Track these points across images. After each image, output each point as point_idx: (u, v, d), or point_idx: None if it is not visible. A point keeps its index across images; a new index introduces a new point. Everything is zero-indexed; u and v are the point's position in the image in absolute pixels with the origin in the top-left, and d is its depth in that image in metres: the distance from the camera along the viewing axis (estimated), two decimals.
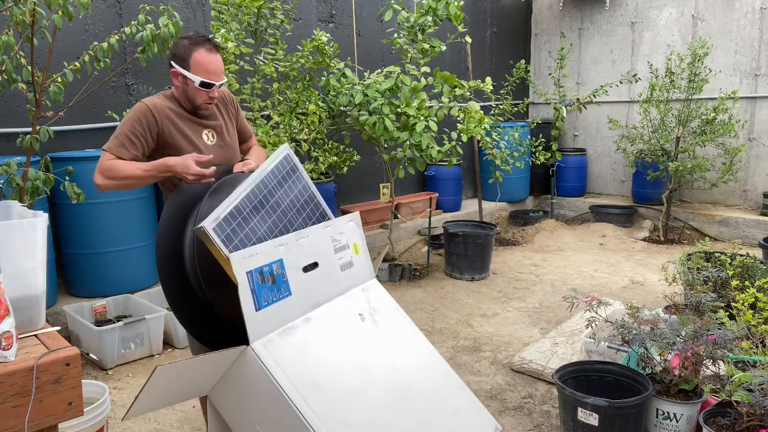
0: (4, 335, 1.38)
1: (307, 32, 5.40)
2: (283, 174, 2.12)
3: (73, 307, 3.61)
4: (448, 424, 1.87)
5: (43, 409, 1.40)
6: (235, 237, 1.91)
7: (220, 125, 2.39)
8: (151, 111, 2.25)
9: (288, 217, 2.09)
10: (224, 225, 1.89)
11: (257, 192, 2.02)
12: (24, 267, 1.52)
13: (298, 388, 1.69)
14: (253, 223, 1.97)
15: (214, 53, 2.24)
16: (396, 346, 2.04)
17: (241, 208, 1.94)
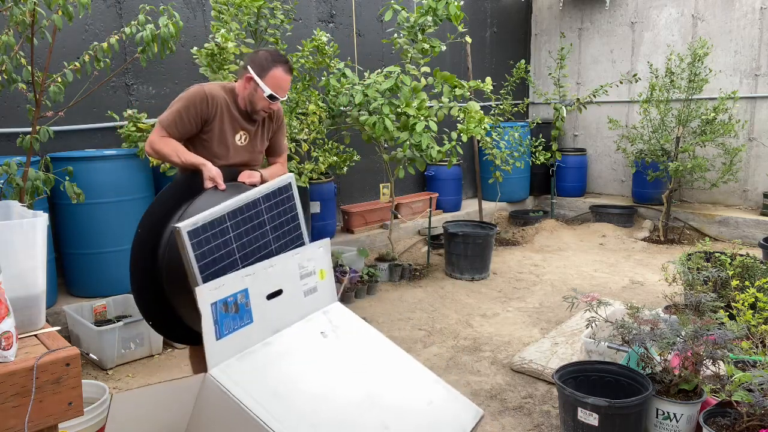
0: (4, 335, 1.38)
1: (307, 32, 5.40)
2: (278, 200, 2.23)
3: (73, 307, 3.61)
4: (423, 413, 1.89)
5: (43, 409, 1.40)
6: (206, 244, 1.96)
7: (255, 131, 2.61)
8: (207, 99, 2.45)
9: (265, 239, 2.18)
10: (200, 231, 1.95)
11: (245, 209, 2.11)
12: (24, 267, 1.52)
13: (258, 401, 1.71)
14: (229, 236, 2.04)
15: (288, 74, 2.53)
16: (362, 353, 2.08)
17: (222, 219, 2.02)
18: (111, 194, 3.78)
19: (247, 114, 2.55)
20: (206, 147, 2.49)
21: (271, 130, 2.71)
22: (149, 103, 4.51)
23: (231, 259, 2.02)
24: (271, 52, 2.54)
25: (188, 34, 4.64)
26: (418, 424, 1.84)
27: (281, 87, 2.50)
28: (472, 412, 1.97)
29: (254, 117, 2.56)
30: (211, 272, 1.95)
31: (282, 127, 2.77)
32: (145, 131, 3.89)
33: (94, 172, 3.72)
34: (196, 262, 1.91)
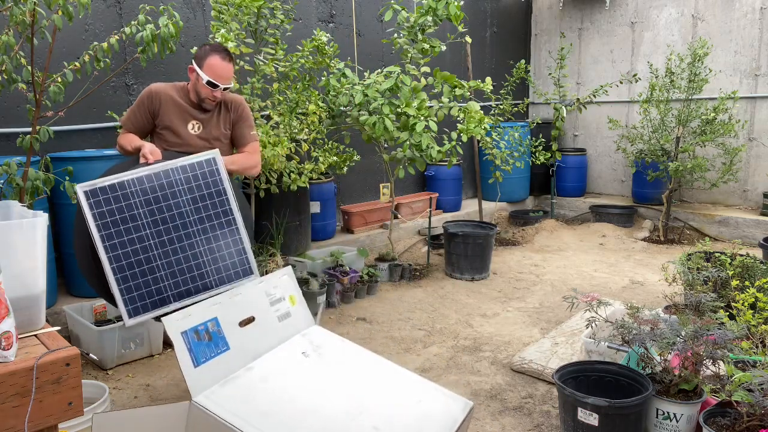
0: (4, 335, 1.38)
1: (307, 32, 5.40)
2: (197, 173, 2.28)
3: (73, 307, 3.61)
4: (414, 412, 1.92)
5: (43, 409, 1.40)
6: (105, 206, 2.08)
7: (209, 120, 2.82)
8: (151, 96, 2.78)
9: (180, 210, 2.22)
10: (98, 192, 2.07)
11: (153, 178, 2.19)
12: (24, 267, 1.53)
13: (247, 420, 1.73)
14: (135, 201, 2.14)
15: (226, 61, 2.71)
16: (345, 366, 2.12)
17: (124, 184, 2.13)
18: None
19: (197, 105, 2.79)
20: (162, 138, 2.80)
21: (229, 120, 2.86)
22: None
23: (136, 223, 2.12)
24: (213, 45, 2.78)
25: (188, 34, 4.64)
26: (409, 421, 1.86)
27: (219, 74, 2.68)
28: (462, 404, 1.99)
29: (204, 106, 2.78)
30: (114, 231, 2.09)
31: (243, 117, 2.89)
32: None
33: (94, 172, 3.69)
34: (93, 220, 2.06)
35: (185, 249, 2.20)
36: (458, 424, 1.89)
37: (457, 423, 1.89)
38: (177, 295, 2.16)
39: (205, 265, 2.23)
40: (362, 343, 3.71)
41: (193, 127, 2.79)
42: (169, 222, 2.18)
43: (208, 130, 2.81)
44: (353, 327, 4.07)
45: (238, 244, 2.31)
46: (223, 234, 2.28)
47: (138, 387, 3.22)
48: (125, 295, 2.08)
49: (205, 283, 2.21)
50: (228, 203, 2.32)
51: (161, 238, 2.15)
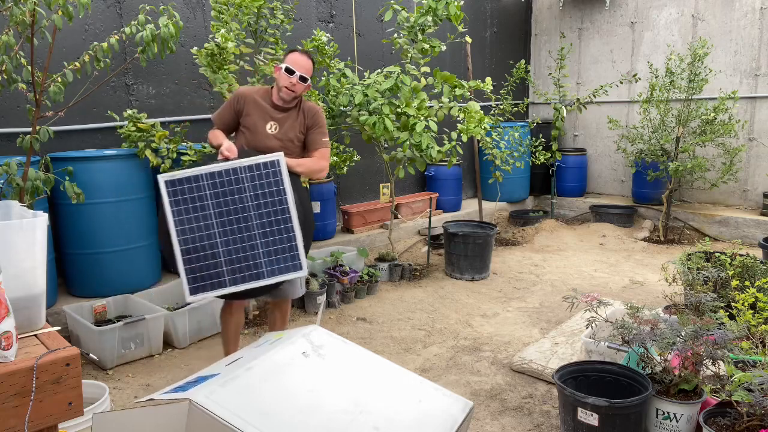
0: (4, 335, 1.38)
1: (307, 32, 5.40)
2: (261, 173, 2.51)
3: (73, 307, 3.61)
4: (414, 412, 1.93)
5: (43, 409, 1.40)
6: (180, 195, 2.38)
7: (285, 121, 3.07)
8: (238, 96, 3.09)
9: (243, 205, 2.47)
10: (176, 183, 2.37)
11: (223, 174, 2.45)
12: (24, 267, 1.53)
13: (247, 420, 1.73)
14: (205, 193, 2.41)
15: (305, 56, 3.03)
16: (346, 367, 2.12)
17: (199, 178, 2.41)
18: (111, 194, 3.77)
19: (277, 106, 3.06)
20: (243, 135, 3.06)
21: (304, 125, 3.11)
22: (149, 103, 4.51)
23: (206, 212, 2.38)
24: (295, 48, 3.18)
25: (188, 34, 4.64)
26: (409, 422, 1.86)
27: (296, 62, 2.98)
28: (462, 404, 2.00)
29: (282, 105, 3.04)
30: (186, 218, 2.39)
31: (317, 125, 3.14)
32: (144, 131, 3.89)
33: (94, 172, 3.72)
34: (170, 207, 2.37)
35: (244, 240, 2.42)
36: (458, 424, 1.89)
37: (458, 423, 1.89)
38: (232, 281, 2.39)
39: (260, 256, 2.43)
40: (362, 343, 3.71)
41: (271, 127, 3.04)
42: (233, 214, 2.41)
43: (284, 131, 3.05)
44: (353, 327, 4.07)
45: (291, 241, 2.49)
46: (279, 230, 2.47)
47: (138, 387, 3.22)
48: (189, 274, 2.38)
49: (258, 273, 2.42)
50: (286, 203, 2.51)
51: (224, 228, 2.38)
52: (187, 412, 1.75)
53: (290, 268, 2.49)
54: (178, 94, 4.67)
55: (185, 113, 4.71)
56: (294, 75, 2.96)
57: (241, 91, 3.11)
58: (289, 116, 3.08)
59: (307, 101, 3.19)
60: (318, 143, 3.13)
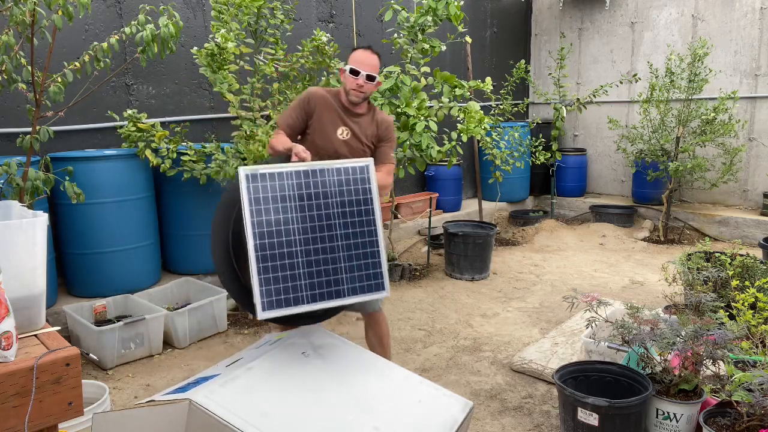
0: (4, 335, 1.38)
1: (307, 32, 5.40)
2: (349, 177, 2.25)
3: (73, 307, 3.61)
4: (414, 412, 1.93)
5: (43, 409, 1.40)
6: (262, 192, 2.06)
7: (356, 128, 2.88)
8: (308, 98, 2.88)
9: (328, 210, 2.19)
10: (258, 178, 2.06)
11: (309, 174, 2.17)
12: (24, 267, 1.53)
13: (247, 420, 1.72)
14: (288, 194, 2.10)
15: (369, 53, 2.89)
16: (346, 367, 2.11)
17: (283, 175, 2.11)
18: (111, 194, 3.77)
19: (348, 110, 2.87)
20: (310, 140, 2.85)
21: (376, 136, 2.93)
22: (149, 103, 4.51)
23: (287, 215, 2.09)
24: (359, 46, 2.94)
25: (188, 34, 4.64)
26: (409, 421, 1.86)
27: (361, 61, 2.83)
28: (462, 404, 2.00)
29: (352, 108, 2.86)
30: (265, 220, 2.06)
31: (389, 138, 2.96)
32: (145, 131, 3.89)
33: (94, 172, 3.72)
34: (249, 205, 2.03)
35: (326, 251, 2.15)
36: (458, 424, 1.89)
37: (458, 423, 1.89)
38: (311, 297, 2.10)
39: (342, 271, 2.17)
40: (362, 343, 3.71)
41: (342, 132, 2.86)
42: (316, 221, 2.15)
43: (355, 139, 2.88)
44: (353, 327, 4.07)
45: (375, 257, 2.24)
46: (363, 244, 2.22)
47: (138, 387, 3.22)
48: (263, 286, 2.02)
49: (338, 290, 2.16)
50: (373, 213, 2.27)
51: (306, 235, 2.12)
52: (187, 412, 1.75)
53: (372, 288, 2.22)
54: (178, 94, 4.67)
55: (185, 113, 4.71)
56: (360, 75, 2.80)
57: (312, 92, 2.90)
58: (362, 123, 2.90)
59: (382, 111, 3.02)
60: (387, 158, 2.97)
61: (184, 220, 4.22)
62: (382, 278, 2.24)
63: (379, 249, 2.25)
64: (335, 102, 2.88)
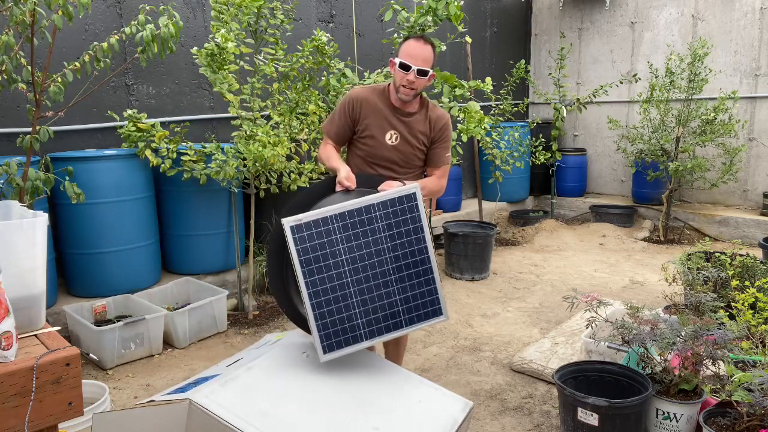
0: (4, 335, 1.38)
1: (307, 32, 5.40)
2: (397, 209, 2.17)
3: (73, 307, 3.61)
4: (414, 411, 1.95)
5: (43, 409, 1.40)
6: (309, 241, 2.05)
7: (408, 129, 2.60)
8: (352, 101, 2.61)
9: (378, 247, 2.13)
10: (303, 228, 2.04)
11: (355, 213, 2.11)
12: (24, 267, 1.53)
13: (246, 419, 1.74)
14: (335, 237, 2.08)
15: (421, 43, 2.48)
16: (345, 367, 2.11)
17: (327, 220, 2.08)
18: (111, 194, 3.78)
19: (397, 110, 2.59)
20: (360, 147, 2.63)
21: (429, 137, 2.65)
22: (149, 103, 4.51)
23: (336, 259, 2.08)
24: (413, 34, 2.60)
25: (188, 34, 4.64)
26: (409, 421, 1.87)
27: (411, 54, 2.46)
28: (462, 404, 2.01)
29: (400, 107, 2.58)
30: (315, 268, 2.06)
31: (444, 138, 2.68)
32: (145, 131, 3.89)
33: (94, 172, 3.72)
34: (297, 256, 2.04)
35: (380, 287, 2.14)
36: (458, 424, 1.89)
37: (457, 423, 1.89)
38: (369, 333, 2.12)
39: (398, 304, 2.16)
40: None
41: (391, 137, 2.60)
42: (367, 259, 2.13)
43: (405, 143, 2.61)
44: None
45: (430, 284, 2.21)
46: (417, 273, 2.18)
47: (138, 387, 3.22)
48: (321, 331, 2.06)
49: (396, 323, 2.16)
50: (424, 241, 2.20)
51: (358, 275, 2.11)
52: (187, 412, 1.75)
53: (430, 315, 2.19)
54: (178, 94, 4.67)
55: (185, 113, 4.71)
56: (411, 71, 2.46)
57: (355, 94, 2.61)
58: (413, 123, 2.62)
59: (436, 107, 2.70)
60: (441, 160, 2.69)
61: (184, 220, 4.22)
62: (439, 303, 2.21)
63: (434, 275, 2.20)
64: (382, 102, 2.61)
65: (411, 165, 2.64)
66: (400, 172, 2.63)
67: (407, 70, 2.46)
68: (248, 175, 4.06)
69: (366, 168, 2.64)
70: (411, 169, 2.65)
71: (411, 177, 2.64)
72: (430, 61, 2.49)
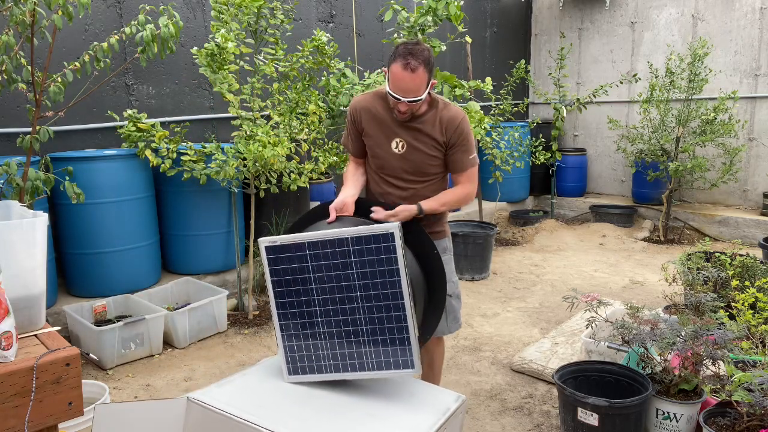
0: (4, 335, 1.38)
1: (307, 32, 5.40)
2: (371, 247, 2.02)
3: (73, 307, 3.61)
4: (406, 402, 1.97)
5: (43, 409, 1.40)
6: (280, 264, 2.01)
7: (414, 137, 2.37)
8: (351, 110, 2.48)
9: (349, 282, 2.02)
10: (277, 250, 2.00)
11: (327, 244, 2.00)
12: (24, 267, 1.53)
13: (244, 410, 1.78)
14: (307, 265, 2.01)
15: (408, 73, 2.19)
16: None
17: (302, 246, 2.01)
18: (111, 194, 3.78)
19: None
20: (371, 159, 2.51)
21: (443, 143, 2.38)
22: (149, 103, 4.51)
23: (306, 287, 2.03)
24: (402, 45, 2.24)
25: (188, 34, 4.64)
26: (402, 408, 1.92)
27: (397, 86, 2.21)
28: (454, 396, 2.03)
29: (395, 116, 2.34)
30: (285, 291, 2.04)
31: (461, 141, 2.39)
32: (145, 131, 3.89)
33: (94, 172, 3.72)
34: (270, 276, 2.03)
35: (348, 324, 2.04)
36: (451, 412, 1.92)
37: (450, 410, 1.92)
38: (334, 366, 2.06)
39: (365, 345, 2.04)
40: None
41: (397, 145, 2.39)
42: (337, 293, 2.02)
43: (413, 151, 2.37)
44: None
45: (402, 333, 2.03)
46: (388, 318, 2.03)
47: (138, 387, 3.22)
48: (288, 353, 2.06)
49: (361, 363, 2.05)
50: (399, 286, 2.00)
51: (327, 307, 2.04)
52: (185, 410, 1.77)
53: (399, 364, 2.05)
54: (178, 94, 4.67)
55: (185, 113, 4.71)
56: (401, 102, 2.25)
57: (354, 104, 2.44)
58: (422, 127, 2.36)
59: (448, 105, 2.40)
60: (464, 164, 2.42)
61: (184, 220, 4.22)
62: (409, 355, 2.06)
63: (407, 324, 2.04)
64: (384, 108, 2.38)
65: (426, 174, 2.41)
66: (415, 182, 2.42)
67: (399, 100, 2.25)
68: (248, 175, 4.06)
69: (380, 182, 2.49)
70: (427, 177, 2.42)
71: (430, 186, 2.43)
72: (421, 87, 2.23)
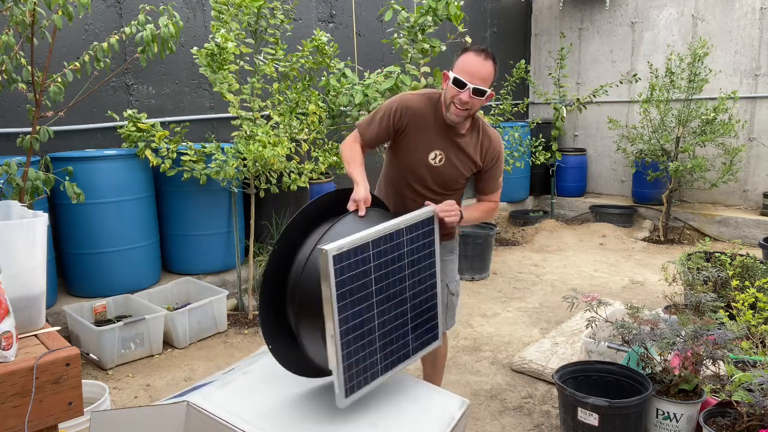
0: (4, 335, 1.38)
1: (307, 32, 5.40)
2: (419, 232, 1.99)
3: (73, 307, 3.61)
4: (409, 409, 1.94)
5: (43, 409, 1.40)
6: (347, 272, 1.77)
7: (454, 154, 2.32)
8: (399, 110, 2.29)
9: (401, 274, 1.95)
10: (343, 257, 1.76)
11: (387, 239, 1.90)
12: (24, 267, 1.53)
13: (243, 417, 1.73)
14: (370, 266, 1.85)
15: (481, 58, 2.19)
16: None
17: (366, 246, 1.83)
18: (111, 194, 3.78)
19: (449, 129, 2.30)
20: (398, 157, 2.37)
21: (479, 165, 2.36)
22: (149, 103, 4.51)
23: (367, 291, 1.83)
24: (475, 46, 2.29)
25: (188, 34, 4.64)
26: (406, 418, 1.89)
27: (467, 70, 2.17)
28: (458, 402, 2.01)
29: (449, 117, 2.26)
30: (349, 302, 1.78)
31: (496, 167, 2.39)
32: (145, 131, 3.90)
33: (94, 172, 3.72)
34: (335, 289, 1.72)
35: (398, 317, 1.94)
36: (455, 421, 1.90)
37: (455, 419, 1.90)
38: (384, 368, 1.93)
39: (409, 332, 1.99)
40: None
41: (435, 157, 2.31)
42: (391, 288, 1.91)
43: (450, 166, 2.32)
44: None
45: (432, 309, 2.06)
46: (427, 299, 2.02)
47: (138, 387, 3.22)
48: (345, 372, 1.79)
49: (406, 353, 1.98)
50: (434, 266, 2.05)
51: (382, 306, 1.89)
52: (185, 414, 1.75)
53: (430, 341, 2.05)
54: (178, 94, 4.67)
55: (185, 113, 4.71)
56: (466, 89, 2.17)
57: (405, 102, 2.30)
58: (464, 145, 2.33)
59: (488, 127, 2.40)
60: (495, 187, 2.43)
61: (184, 220, 4.22)
62: (437, 329, 2.07)
63: (437, 301, 2.06)
64: (433, 115, 2.30)
65: (451, 189, 2.37)
66: (438, 194, 2.36)
67: (462, 88, 2.16)
68: (248, 175, 4.06)
69: (399, 183, 2.40)
70: (450, 192, 2.38)
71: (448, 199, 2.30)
72: (489, 79, 2.22)
